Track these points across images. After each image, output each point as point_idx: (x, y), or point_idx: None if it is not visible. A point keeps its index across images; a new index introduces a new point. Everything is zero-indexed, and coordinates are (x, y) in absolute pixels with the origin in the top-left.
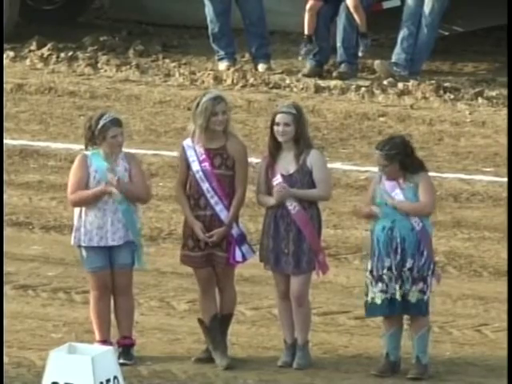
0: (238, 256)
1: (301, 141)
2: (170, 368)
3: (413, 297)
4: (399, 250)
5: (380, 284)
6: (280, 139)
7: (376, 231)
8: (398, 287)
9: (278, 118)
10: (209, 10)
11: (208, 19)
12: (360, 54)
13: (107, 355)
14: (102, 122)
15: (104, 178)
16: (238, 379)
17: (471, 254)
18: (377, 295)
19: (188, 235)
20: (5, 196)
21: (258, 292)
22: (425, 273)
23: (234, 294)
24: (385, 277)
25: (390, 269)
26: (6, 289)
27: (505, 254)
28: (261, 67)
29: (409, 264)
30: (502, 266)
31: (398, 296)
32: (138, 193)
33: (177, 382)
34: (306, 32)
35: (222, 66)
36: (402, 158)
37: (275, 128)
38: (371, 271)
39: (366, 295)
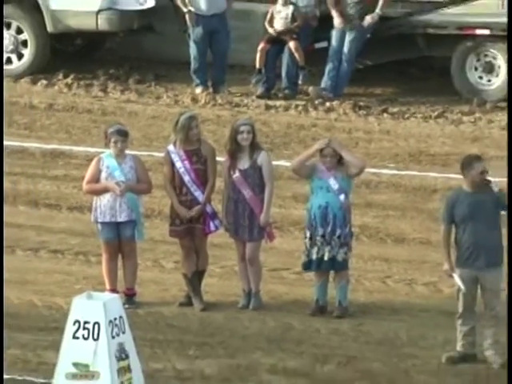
0: (212, 227)
1: (254, 144)
2: (160, 310)
3: (340, 257)
4: (331, 223)
5: (315, 248)
6: (244, 143)
7: (313, 209)
8: (327, 250)
9: (243, 128)
10: (193, 50)
11: (192, 57)
12: (300, 82)
13: (115, 300)
14: (111, 130)
15: (113, 174)
16: (210, 317)
17: (378, 226)
18: (313, 256)
19: (175, 216)
20: (39, 185)
21: (224, 255)
22: (347, 239)
23: (206, 256)
24: (318, 242)
25: (323, 236)
26: (42, 253)
27: (403, 226)
28: (220, 90)
29: (338, 233)
30: (400, 235)
31: (326, 257)
32: (143, 190)
33: (165, 320)
34: (257, 66)
35: (198, 90)
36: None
37: (240, 136)
38: (310, 238)
39: (306, 256)
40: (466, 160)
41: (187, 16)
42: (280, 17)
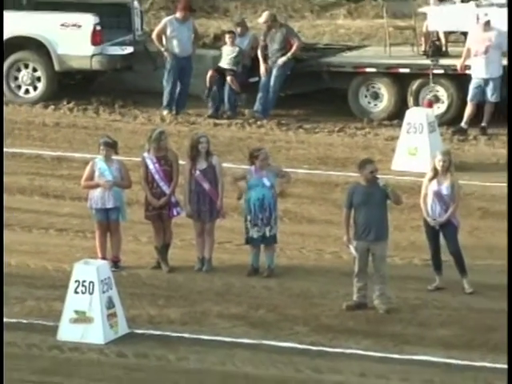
0: (175, 212)
1: (208, 151)
2: (137, 272)
3: (275, 234)
4: (268, 209)
5: (256, 228)
6: (203, 150)
7: (252, 200)
8: (268, 230)
9: (202, 139)
10: (167, 83)
11: (165, 85)
12: (239, 104)
13: (105, 265)
14: (100, 141)
15: (103, 173)
16: (174, 278)
17: (297, 211)
18: (254, 234)
19: (148, 204)
20: (49, 182)
21: (184, 232)
22: (277, 220)
23: (171, 233)
24: (259, 223)
25: (262, 220)
26: (51, 231)
27: (314, 210)
28: (181, 112)
29: (273, 216)
30: (312, 217)
31: (267, 234)
32: (125, 186)
33: (141, 279)
34: (207, 85)
35: (165, 112)
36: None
37: (200, 145)
38: (250, 221)
39: (247, 233)
40: (361, 162)
41: (166, 54)
42: (227, 55)
